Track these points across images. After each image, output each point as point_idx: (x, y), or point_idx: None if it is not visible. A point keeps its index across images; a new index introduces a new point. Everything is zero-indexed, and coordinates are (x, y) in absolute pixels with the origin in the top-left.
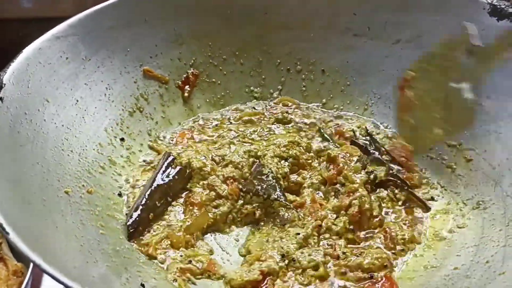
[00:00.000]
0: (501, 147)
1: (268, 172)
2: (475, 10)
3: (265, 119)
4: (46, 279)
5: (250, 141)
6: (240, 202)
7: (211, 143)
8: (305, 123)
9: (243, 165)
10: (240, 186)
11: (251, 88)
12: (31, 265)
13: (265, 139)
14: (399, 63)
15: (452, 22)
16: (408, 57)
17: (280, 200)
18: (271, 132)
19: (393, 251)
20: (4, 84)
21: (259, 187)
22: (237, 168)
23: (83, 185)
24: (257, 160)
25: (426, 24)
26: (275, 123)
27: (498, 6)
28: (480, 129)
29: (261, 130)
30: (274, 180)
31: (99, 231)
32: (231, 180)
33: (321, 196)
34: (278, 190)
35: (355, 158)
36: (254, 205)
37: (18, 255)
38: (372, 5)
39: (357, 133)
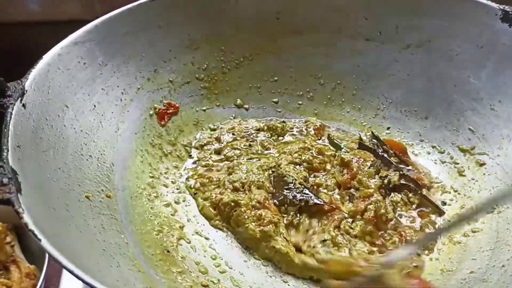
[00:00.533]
0: None
1: (292, 179)
2: (487, 16)
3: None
4: (63, 282)
5: (257, 156)
6: None
7: (222, 171)
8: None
9: (263, 180)
10: (274, 201)
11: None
12: (45, 267)
13: (273, 149)
14: (409, 67)
15: (463, 27)
16: (418, 62)
17: (319, 202)
18: (278, 142)
19: None
20: (26, 91)
21: (291, 196)
22: (260, 187)
23: (102, 190)
24: (272, 171)
25: (436, 29)
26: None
27: (510, 12)
28: (492, 133)
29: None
30: (302, 186)
31: (120, 235)
32: (266, 201)
33: (336, 198)
34: (310, 193)
35: (368, 163)
36: (291, 214)
37: (31, 257)
38: (383, 10)
39: (364, 136)
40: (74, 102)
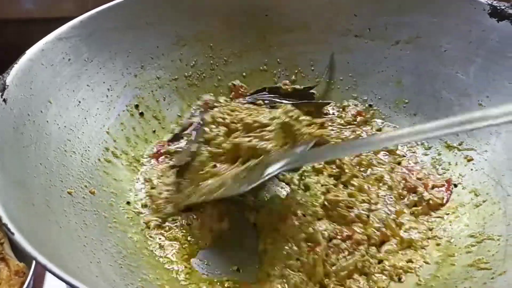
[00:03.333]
0: (501, 147)
1: None
2: (475, 11)
3: None
4: (48, 279)
5: None
6: None
7: None
8: None
9: None
10: None
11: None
12: (33, 265)
13: None
14: (398, 63)
15: (451, 23)
16: (407, 58)
17: None
18: None
19: None
20: (7, 86)
21: None
22: None
23: (85, 186)
24: None
25: (425, 26)
26: None
27: (498, 7)
28: (480, 129)
29: None
30: None
31: (102, 232)
32: None
33: None
34: None
35: None
36: None
37: (20, 255)
38: (373, 7)
39: None
40: (58, 98)
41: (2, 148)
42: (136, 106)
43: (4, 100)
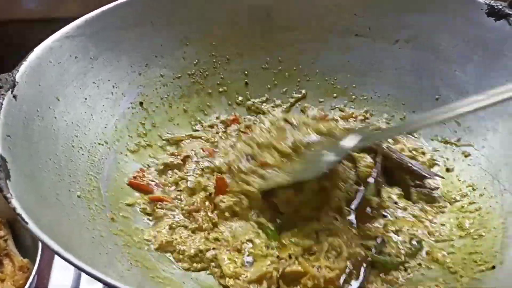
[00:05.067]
0: (498, 143)
1: None
2: (473, 11)
3: None
4: (54, 274)
5: None
6: None
7: None
8: None
9: None
10: None
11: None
12: (37, 260)
13: None
14: (398, 62)
15: (450, 23)
16: (406, 56)
17: None
18: None
19: None
20: (17, 82)
21: None
22: None
23: (92, 180)
24: None
25: (424, 25)
26: None
27: (496, 7)
28: (477, 125)
29: None
30: None
31: (108, 225)
32: None
33: None
34: None
35: None
36: None
37: (24, 251)
38: (373, 6)
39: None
40: (65, 95)
41: (14, 143)
42: (141, 104)
43: (15, 97)
